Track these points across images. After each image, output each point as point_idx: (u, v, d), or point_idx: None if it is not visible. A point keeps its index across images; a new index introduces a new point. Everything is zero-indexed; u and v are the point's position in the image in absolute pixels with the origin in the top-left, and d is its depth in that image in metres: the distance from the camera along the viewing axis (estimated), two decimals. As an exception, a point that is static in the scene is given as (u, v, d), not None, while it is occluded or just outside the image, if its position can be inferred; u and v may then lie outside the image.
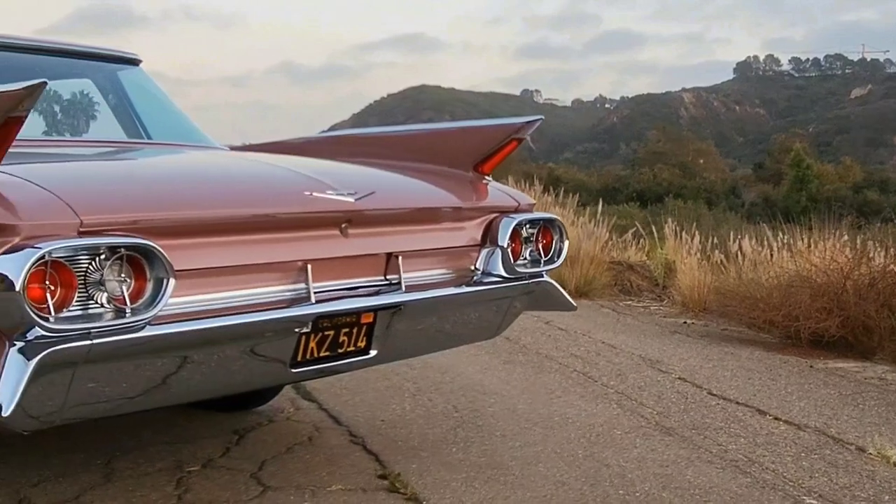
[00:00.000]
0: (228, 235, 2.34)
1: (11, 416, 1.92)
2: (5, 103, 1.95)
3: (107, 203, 2.16)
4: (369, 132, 3.74)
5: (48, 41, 4.04)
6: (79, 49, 4.06)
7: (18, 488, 2.84)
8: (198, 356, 2.31)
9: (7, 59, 3.79)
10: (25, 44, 3.88)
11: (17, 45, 3.84)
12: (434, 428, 3.75)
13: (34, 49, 3.89)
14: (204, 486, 2.95)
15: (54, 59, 3.96)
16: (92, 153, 3.28)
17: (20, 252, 1.92)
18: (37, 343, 1.96)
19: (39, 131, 3.73)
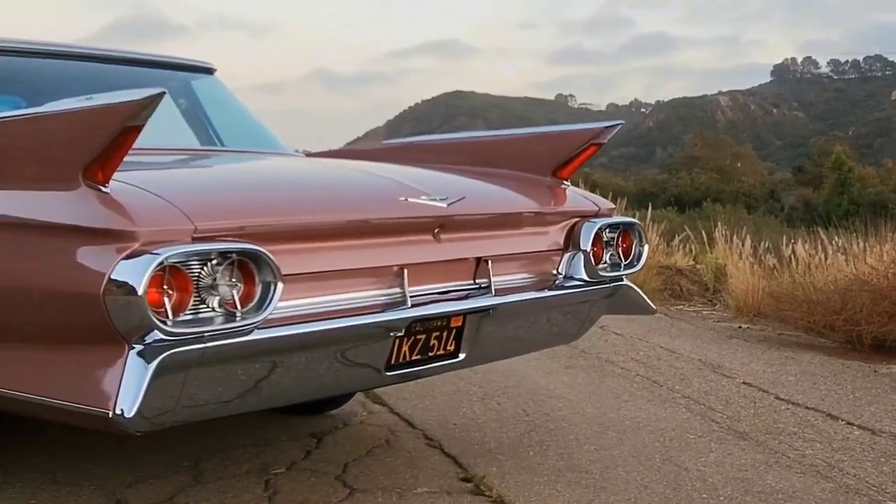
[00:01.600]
0: (329, 241, 2.38)
1: (133, 418, 1.97)
2: (124, 112, 2.01)
3: (218, 209, 2.21)
4: (445, 138, 3.78)
5: (123, 51, 4.12)
6: (153, 58, 4.13)
7: (114, 489, 2.90)
8: (300, 359, 2.35)
9: (82, 68, 3.88)
10: (101, 53, 3.97)
11: (92, 54, 3.92)
12: (507, 431, 3.78)
13: (110, 59, 3.97)
14: (292, 487, 2.99)
15: (129, 68, 4.03)
16: (184, 161, 3.34)
17: (141, 258, 1.98)
18: (155, 346, 2.01)
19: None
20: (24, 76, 3.78)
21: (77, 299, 2.04)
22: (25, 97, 3.98)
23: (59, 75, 3.86)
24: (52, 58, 3.78)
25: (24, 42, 3.74)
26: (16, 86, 3.89)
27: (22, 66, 3.70)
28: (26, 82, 3.85)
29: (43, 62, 3.74)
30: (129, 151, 2.09)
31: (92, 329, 2.06)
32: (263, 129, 3.95)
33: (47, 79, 3.86)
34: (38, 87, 3.89)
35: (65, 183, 2.13)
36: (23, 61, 3.68)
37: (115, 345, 2.03)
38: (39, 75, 3.80)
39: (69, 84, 3.94)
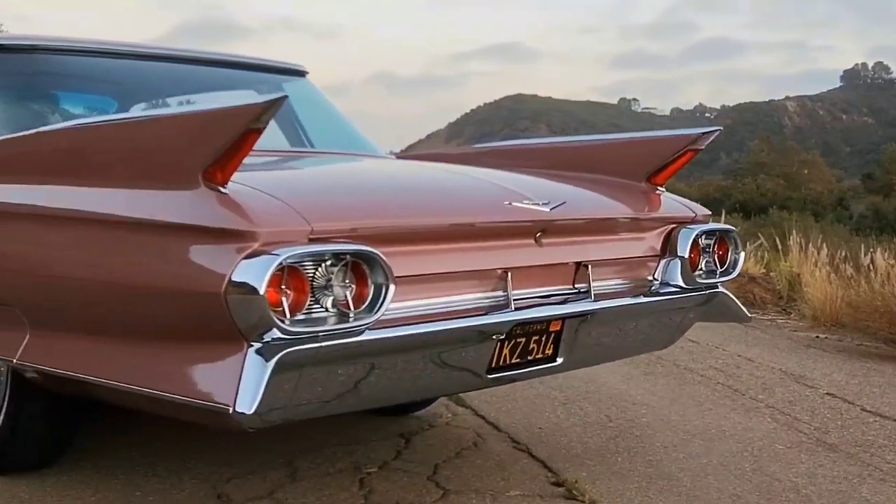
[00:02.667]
0: (436, 243, 2.42)
1: (251, 415, 2.01)
2: (246, 116, 2.06)
3: (332, 211, 2.25)
4: (537, 142, 3.79)
5: (215, 53, 4.19)
6: (246, 61, 4.20)
7: (214, 484, 2.96)
8: (406, 360, 2.38)
9: (175, 70, 3.97)
10: (193, 55, 4.04)
11: (184, 56, 4.00)
12: (593, 437, 3.77)
13: (202, 61, 4.05)
14: (386, 487, 3.02)
15: (221, 70, 4.11)
16: (287, 162, 3.40)
17: (261, 258, 2.02)
18: (273, 345, 2.05)
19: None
20: (115, 77, 3.88)
21: (198, 297, 2.09)
22: (117, 98, 4.09)
23: (151, 77, 3.95)
24: (144, 59, 3.87)
25: (116, 44, 3.84)
26: (108, 86, 3.99)
27: (114, 68, 3.80)
28: (119, 83, 3.95)
29: (135, 63, 3.84)
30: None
31: (211, 326, 2.11)
32: (354, 131, 4.00)
33: (140, 80, 3.95)
34: (131, 88, 3.99)
35: (184, 184, 2.18)
36: (115, 63, 3.78)
37: (233, 342, 2.08)
38: (132, 77, 3.90)
39: (161, 85, 4.04)
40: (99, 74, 3.78)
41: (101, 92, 3.96)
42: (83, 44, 3.73)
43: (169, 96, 4.19)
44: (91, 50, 3.72)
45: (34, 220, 2.58)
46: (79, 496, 2.83)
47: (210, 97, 4.23)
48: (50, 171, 2.59)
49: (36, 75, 3.59)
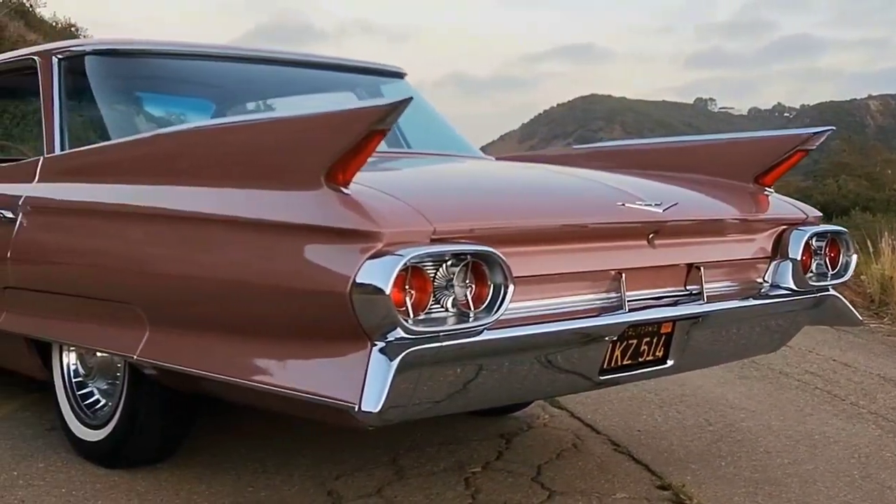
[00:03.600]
0: (551, 244, 2.42)
1: (376, 413, 2.04)
2: (371, 117, 2.08)
3: (453, 212, 2.27)
4: (638, 143, 3.76)
5: (315, 56, 4.24)
6: (344, 63, 4.25)
7: (323, 480, 3.00)
8: (521, 361, 2.39)
9: (276, 73, 4.03)
10: (293, 58, 4.10)
11: (284, 59, 4.06)
12: (693, 441, 3.73)
13: (301, 63, 4.10)
14: (491, 487, 3.03)
15: (319, 72, 4.16)
16: (399, 163, 3.43)
17: (386, 258, 2.05)
18: (397, 344, 2.07)
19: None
20: (216, 80, 3.96)
21: (321, 297, 2.13)
22: (218, 100, 4.16)
23: (250, 79, 4.02)
24: (244, 62, 3.93)
25: (217, 47, 3.91)
26: (209, 89, 4.07)
27: (215, 71, 3.87)
28: (219, 86, 4.03)
29: (235, 66, 3.90)
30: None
31: (333, 325, 2.14)
32: (453, 132, 4.01)
33: (239, 83, 4.03)
34: (231, 91, 4.07)
35: (306, 184, 2.22)
36: (217, 66, 3.85)
37: (356, 341, 2.11)
38: (232, 79, 3.97)
39: (260, 88, 4.11)
40: (202, 77, 3.87)
41: (202, 95, 4.04)
42: (187, 47, 3.81)
43: (268, 98, 4.26)
44: (194, 53, 3.80)
45: (154, 221, 2.64)
46: (193, 490, 2.89)
47: (308, 100, 4.30)
48: (169, 173, 2.66)
49: (145, 79, 3.68)
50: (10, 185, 3.38)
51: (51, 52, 3.52)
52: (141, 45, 3.63)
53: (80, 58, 3.48)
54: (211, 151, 2.56)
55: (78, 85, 3.45)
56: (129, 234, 2.72)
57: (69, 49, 3.51)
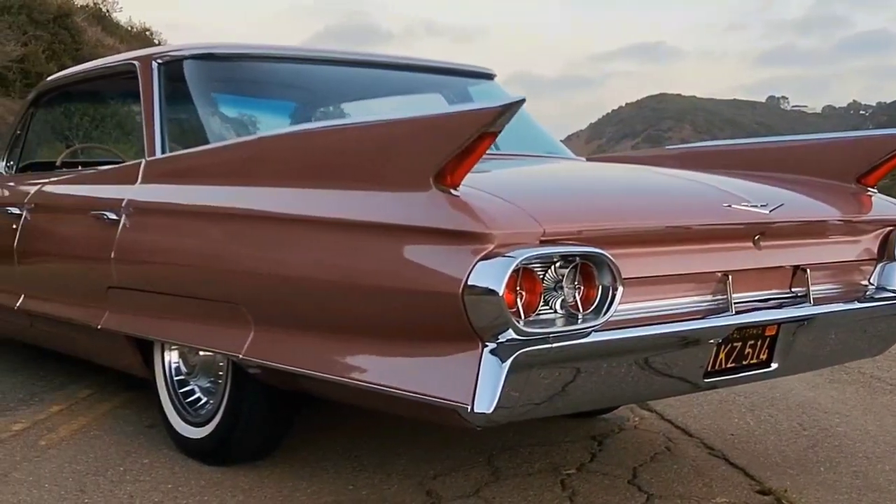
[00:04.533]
0: (658, 246, 2.41)
1: (488, 414, 2.05)
2: (482, 119, 2.09)
3: (561, 214, 2.27)
4: (736, 144, 3.71)
5: (402, 57, 4.27)
6: (432, 64, 4.26)
7: (421, 480, 3.02)
8: (627, 363, 2.37)
9: (364, 75, 4.06)
10: (381, 60, 4.13)
11: (372, 61, 4.09)
12: (788, 445, 3.67)
13: (389, 65, 4.13)
14: (588, 489, 3.02)
15: (407, 74, 4.18)
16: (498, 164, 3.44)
17: (499, 259, 2.05)
18: (508, 345, 2.08)
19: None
20: (308, 82, 4.00)
21: (433, 297, 2.14)
22: (310, 103, 4.21)
23: (342, 82, 4.06)
24: (334, 65, 3.97)
25: (308, 50, 3.96)
26: (302, 92, 4.12)
27: (307, 73, 3.92)
28: (312, 88, 4.08)
29: (326, 69, 3.95)
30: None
31: (444, 326, 2.15)
32: (545, 133, 4.00)
33: (331, 85, 4.07)
34: (324, 93, 4.11)
35: (415, 186, 2.23)
36: (308, 68, 3.90)
37: (467, 342, 2.12)
38: (324, 82, 4.01)
39: (352, 90, 4.15)
40: (295, 80, 3.93)
41: (295, 97, 4.10)
42: (281, 51, 3.87)
43: (358, 101, 4.30)
44: (288, 56, 3.86)
45: (261, 222, 2.69)
46: (295, 488, 2.93)
47: (396, 101, 4.33)
48: (275, 175, 2.70)
49: (241, 82, 3.75)
50: (113, 187, 3.47)
51: (150, 57, 3.60)
52: (237, 48, 3.70)
53: (178, 62, 3.55)
54: (318, 154, 2.59)
55: (177, 89, 3.52)
56: (235, 235, 2.76)
57: (168, 54, 3.59)
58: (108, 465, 3.16)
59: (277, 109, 4.10)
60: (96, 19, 32.90)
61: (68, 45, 26.84)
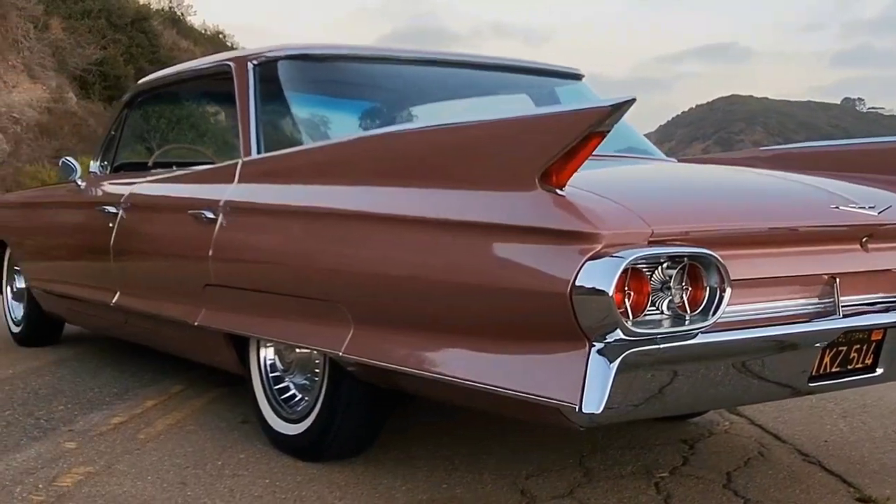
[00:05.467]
0: (765, 247, 2.38)
1: (596, 414, 2.04)
2: (592, 118, 2.08)
3: (668, 214, 2.26)
4: (836, 145, 3.64)
5: (490, 57, 4.28)
6: (520, 64, 4.27)
7: (514, 479, 3.02)
8: (731, 365, 2.34)
9: (451, 75, 4.07)
10: (468, 60, 4.14)
11: (460, 61, 4.10)
12: (886, 453, 3.59)
13: (476, 65, 4.14)
14: (683, 493, 2.99)
15: (494, 74, 4.19)
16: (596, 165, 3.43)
17: (607, 259, 2.05)
18: (616, 345, 2.07)
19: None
20: (399, 83, 4.03)
21: (539, 297, 2.14)
22: (401, 103, 4.24)
23: (431, 82, 4.08)
24: (424, 65, 3.99)
25: (397, 50, 3.99)
26: (393, 92, 4.15)
27: (398, 73, 3.94)
28: (402, 88, 4.10)
29: (416, 69, 3.97)
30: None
31: (549, 325, 2.15)
32: (636, 134, 3.98)
33: (421, 85, 4.09)
34: (415, 93, 4.13)
35: (520, 186, 2.23)
36: (398, 69, 3.92)
37: (573, 341, 2.11)
38: (414, 81, 4.03)
39: (441, 90, 4.16)
40: (387, 81, 3.96)
41: (387, 98, 4.13)
42: (373, 51, 3.91)
43: (445, 100, 4.32)
44: (380, 57, 3.89)
45: (360, 222, 2.71)
46: (390, 485, 2.95)
47: (483, 102, 4.34)
48: (374, 175, 2.73)
49: (335, 82, 3.80)
50: (210, 186, 3.53)
51: (246, 59, 3.66)
52: (331, 49, 3.74)
53: (273, 63, 3.61)
54: (420, 153, 2.61)
55: (272, 89, 3.57)
56: (335, 234, 2.79)
57: (264, 55, 3.64)
58: (206, 459, 3.22)
59: (370, 109, 4.13)
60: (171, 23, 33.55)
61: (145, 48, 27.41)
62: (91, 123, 21.96)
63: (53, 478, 3.01)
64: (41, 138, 19.74)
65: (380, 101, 4.14)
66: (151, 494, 2.85)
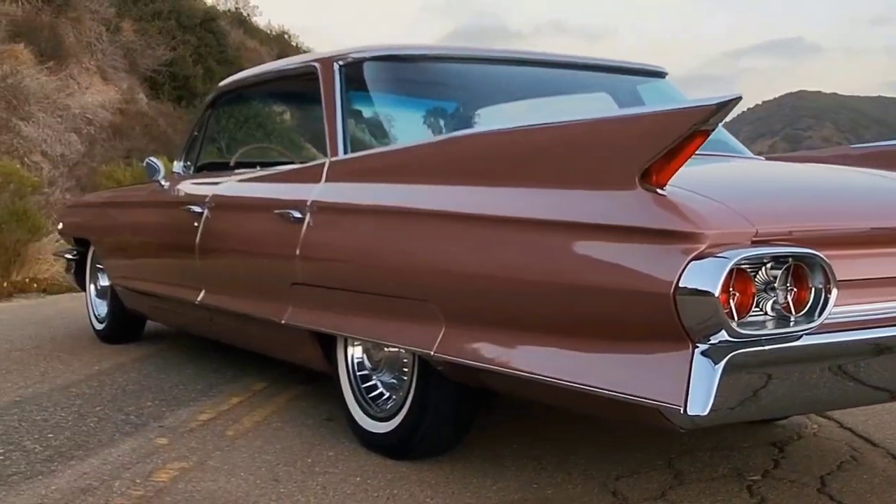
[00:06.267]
0: (871, 247, 2.34)
1: (703, 416, 2.02)
2: (696, 117, 2.06)
3: (773, 214, 2.23)
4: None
5: (570, 56, 4.25)
6: (601, 63, 4.23)
7: (604, 481, 3.00)
8: (833, 368, 2.30)
9: (530, 74, 4.06)
10: (547, 59, 4.12)
11: (538, 60, 4.09)
12: (984, 459, 3.50)
13: (555, 64, 4.12)
14: (776, 496, 2.94)
15: (575, 72, 4.16)
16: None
17: (713, 260, 2.02)
18: (721, 347, 2.04)
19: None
20: (483, 82, 4.02)
21: (641, 297, 2.12)
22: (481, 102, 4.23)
23: (513, 81, 4.07)
24: (506, 64, 3.99)
25: (479, 50, 3.99)
26: (473, 92, 4.14)
27: (482, 73, 3.94)
28: (486, 88, 4.10)
29: (498, 69, 3.96)
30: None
31: (651, 326, 2.13)
32: (724, 132, 3.92)
33: (503, 84, 4.08)
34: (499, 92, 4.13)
35: (619, 185, 2.21)
36: (483, 68, 3.92)
37: (676, 342, 2.09)
38: (497, 81, 4.03)
39: (520, 89, 4.15)
40: (472, 80, 3.96)
41: (472, 97, 4.13)
42: (456, 51, 3.92)
43: (527, 99, 4.31)
44: (463, 56, 3.90)
45: (453, 221, 2.71)
46: (480, 485, 2.95)
47: (562, 101, 4.32)
48: (467, 174, 2.72)
49: (420, 83, 3.81)
50: (297, 186, 3.57)
51: (331, 59, 3.69)
52: (416, 49, 3.76)
53: (359, 64, 3.63)
54: (514, 152, 2.60)
55: (358, 90, 3.60)
56: (428, 233, 2.79)
57: (349, 56, 3.66)
58: (296, 456, 3.25)
59: (453, 109, 4.14)
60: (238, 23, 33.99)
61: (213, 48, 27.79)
62: (161, 123, 22.32)
63: (149, 473, 3.06)
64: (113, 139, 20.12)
65: (463, 100, 4.14)
66: (246, 491, 2.89)
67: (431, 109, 3.99)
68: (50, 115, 18.47)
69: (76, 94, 20.68)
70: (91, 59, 22.31)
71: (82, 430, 3.63)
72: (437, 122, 3.97)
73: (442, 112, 4.05)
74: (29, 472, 3.09)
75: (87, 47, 22.19)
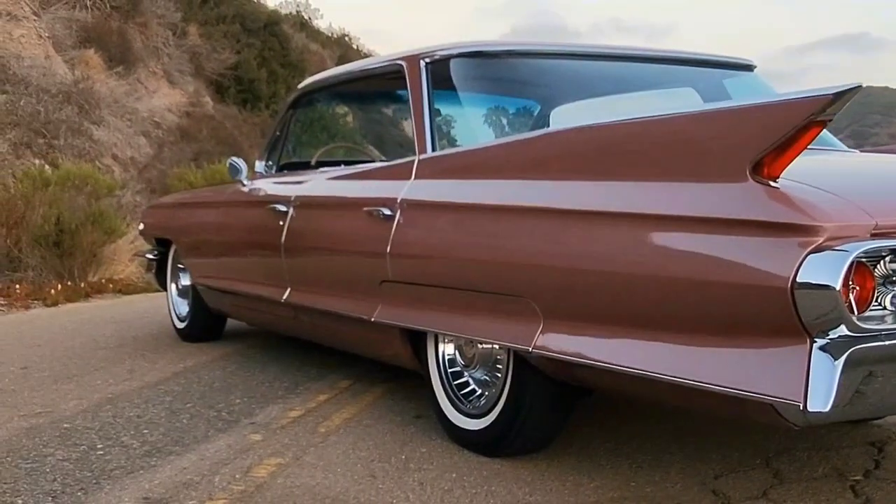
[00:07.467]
0: None
1: (824, 413, 1.98)
2: (813, 108, 2.02)
3: (891, 206, 2.18)
4: None
5: (654, 50, 4.21)
6: (685, 56, 4.18)
7: (703, 479, 2.96)
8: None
9: (614, 68, 4.01)
10: (632, 53, 4.08)
11: (623, 54, 4.05)
12: None
13: (639, 58, 4.08)
14: (882, 497, 2.87)
15: (659, 66, 4.12)
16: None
17: (832, 253, 1.99)
18: (840, 342, 2.01)
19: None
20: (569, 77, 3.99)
21: (756, 291, 2.09)
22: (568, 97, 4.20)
23: (597, 76, 4.03)
24: (590, 59, 3.96)
25: (565, 45, 3.96)
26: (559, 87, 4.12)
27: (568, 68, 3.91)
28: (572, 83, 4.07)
29: (583, 64, 3.93)
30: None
31: (766, 320, 2.10)
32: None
33: (589, 79, 4.05)
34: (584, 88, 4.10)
35: (729, 178, 2.18)
36: (563, 63, 3.89)
37: (793, 337, 2.05)
38: (582, 76, 4.00)
39: (606, 84, 4.11)
40: (558, 76, 3.94)
41: (558, 93, 4.11)
42: (543, 47, 3.90)
43: (611, 94, 4.27)
44: (550, 52, 3.88)
45: (556, 217, 2.69)
46: (577, 482, 2.93)
47: (646, 96, 4.27)
48: (569, 169, 2.70)
49: (507, 79, 3.80)
50: (386, 183, 3.58)
51: (418, 57, 3.69)
52: (502, 46, 3.76)
53: (446, 61, 3.63)
54: (618, 146, 2.58)
55: (445, 87, 3.60)
56: (525, 229, 2.78)
57: (436, 53, 3.67)
58: (390, 452, 3.26)
59: (540, 105, 4.12)
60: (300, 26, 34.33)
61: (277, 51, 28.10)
62: (227, 126, 22.62)
63: (248, 468, 3.09)
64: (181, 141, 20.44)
65: (550, 95, 4.12)
66: (344, 486, 2.90)
67: (518, 105, 3.98)
68: (119, 119, 18.83)
69: (144, 97, 21.05)
70: (158, 63, 22.70)
71: (176, 426, 3.68)
72: (524, 117, 3.96)
73: (529, 107, 4.04)
74: (130, 466, 3.14)
75: (154, 52, 22.58)
